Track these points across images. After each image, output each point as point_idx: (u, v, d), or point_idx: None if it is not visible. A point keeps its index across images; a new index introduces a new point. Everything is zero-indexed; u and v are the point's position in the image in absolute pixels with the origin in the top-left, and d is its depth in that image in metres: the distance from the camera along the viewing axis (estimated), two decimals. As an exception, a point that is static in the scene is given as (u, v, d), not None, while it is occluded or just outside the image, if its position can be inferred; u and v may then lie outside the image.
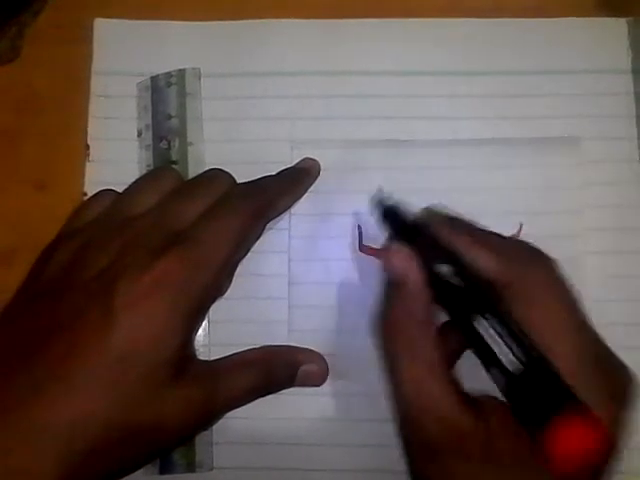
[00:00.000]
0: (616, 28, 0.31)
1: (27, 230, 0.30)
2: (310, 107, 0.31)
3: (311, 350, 0.29)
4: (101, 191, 0.29)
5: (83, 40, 0.32)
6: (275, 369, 0.28)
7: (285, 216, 0.30)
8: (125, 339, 0.23)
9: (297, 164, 0.31)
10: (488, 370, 0.21)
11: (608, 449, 0.19)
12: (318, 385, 0.29)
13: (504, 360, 0.20)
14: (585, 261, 0.30)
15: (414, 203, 0.30)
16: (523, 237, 0.29)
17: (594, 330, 0.23)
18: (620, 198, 0.30)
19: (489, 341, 0.21)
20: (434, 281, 0.23)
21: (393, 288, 0.24)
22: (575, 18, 0.31)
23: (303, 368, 0.28)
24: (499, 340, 0.21)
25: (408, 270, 0.23)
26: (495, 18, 0.31)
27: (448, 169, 0.30)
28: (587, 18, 0.31)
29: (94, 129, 0.31)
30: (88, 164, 0.31)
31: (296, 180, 0.30)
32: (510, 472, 0.21)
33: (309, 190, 0.30)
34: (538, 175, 0.30)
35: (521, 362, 0.20)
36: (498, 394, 0.22)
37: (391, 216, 0.26)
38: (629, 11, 0.31)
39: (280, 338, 0.29)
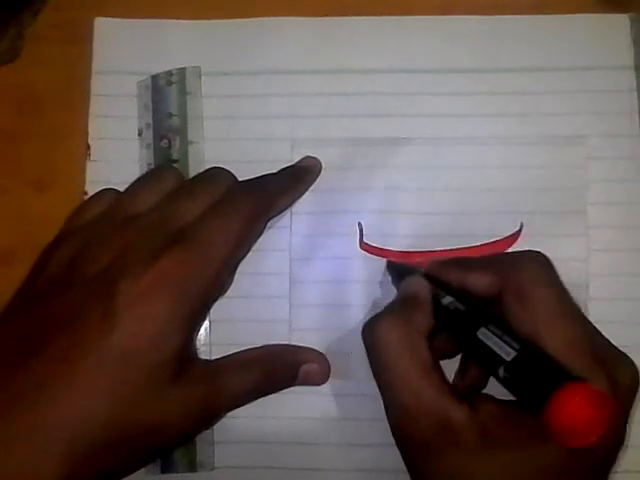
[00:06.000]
0: (618, 24, 0.31)
1: (27, 230, 0.30)
2: (311, 105, 0.31)
3: (312, 349, 0.29)
4: (102, 190, 0.29)
5: (83, 39, 0.32)
6: (276, 368, 0.28)
7: (286, 214, 0.30)
8: (126, 338, 0.23)
9: (298, 162, 0.30)
10: (494, 373, 0.23)
11: (611, 415, 0.20)
12: (319, 384, 0.29)
13: (502, 354, 0.22)
14: (590, 259, 0.29)
15: (415, 202, 0.30)
16: (528, 236, 0.29)
17: (591, 323, 0.25)
18: (624, 195, 0.30)
19: (489, 343, 0.23)
20: (441, 312, 0.25)
21: (401, 302, 0.26)
22: (577, 15, 0.31)
23: (304, 367, 0.28)
24: (499, 341, 0.22)
25: (421, 287, 0.26)
26: (496, 15, 0.31)
27: (450, 168, 0.30)
28: (589, 14, 0.31)
29: (94, 128, 0.31)
30: (89, 163, 0.31)
31: (297, 178, 0.30)
32: (505, 457, 0.22)
33: (310, 188, 0.30)
34: (541, 173, 0.30)
35: (515, 350, 0.22)
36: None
37: (405, 273, 0.28)
38: (631, 7, 0.31)
39: (281, 337, 0.29)
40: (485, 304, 0.25)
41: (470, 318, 0.24)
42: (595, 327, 0.25)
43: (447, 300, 0.25)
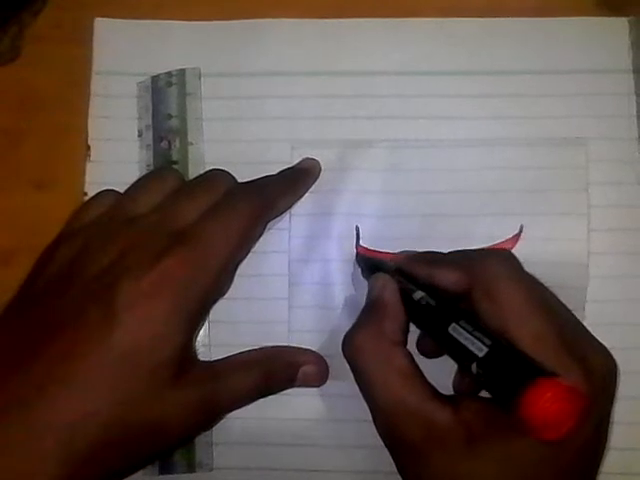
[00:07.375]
0: (617, 28, 0.31)
1: (27, 230, 0.30)
2: (310, 107, 0.31)
3: (311, 351, 0.29)
4: (102, 191, 0.29)
5: (83, 40, 0.32)
6: (275, 370, 0.28)
7: (285, 216, 0.30)
8: (126, 339, 0.23)
9: (297, 164, 0.31)
10: (467, 369, 0.23)
11: (582, 408, 0.20)
12: (318, 386, 0.29)
13: (475, 350, 0.22)
14: (589, 262, 0.29)
15: (415, 205, 0.30)
16: (526, 239, 0.30)
17: (565, 314, 0.25)
18: (623, 198, 0.30)
19: (460, 339, 0.23)
20: (413, 308, 0.25)
21: (370, 309, 0.26)
22: (576, 17, 0.31)
23: (303, 369, 0.28)
24: (471, 337, 0.23)
25: (385, 290, 0.26)
26: (496, 18, 0.31)
27: (448, 170, 0.30)
28: (588, 17, 0.31)
29: (94, 129, 0.31)
30: (88, 164, 0.31)
31: (296, 180, 0.30)
32: (490, 453, 0.22)
33: (309, 190, 0.30)
34: (539, 175, 0.30)
35: (487, 346, 0.22)
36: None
37: (374, 266, 0.28)
38: (630, 10, 0.31)
39: (280, 338, 0.29)
40: (457, 299, 0.25)
41: (441, 314, 0.24)
42: (571, 316, 0.25)
43: (418, 295, 0.25)
